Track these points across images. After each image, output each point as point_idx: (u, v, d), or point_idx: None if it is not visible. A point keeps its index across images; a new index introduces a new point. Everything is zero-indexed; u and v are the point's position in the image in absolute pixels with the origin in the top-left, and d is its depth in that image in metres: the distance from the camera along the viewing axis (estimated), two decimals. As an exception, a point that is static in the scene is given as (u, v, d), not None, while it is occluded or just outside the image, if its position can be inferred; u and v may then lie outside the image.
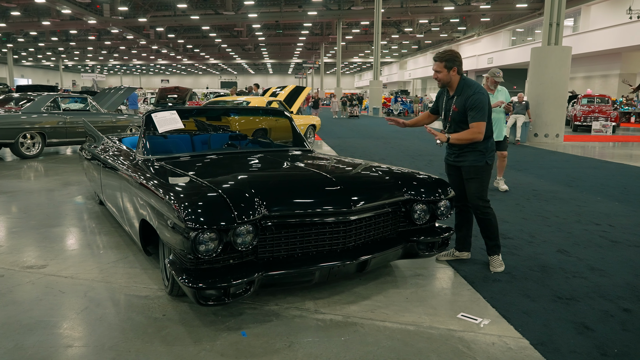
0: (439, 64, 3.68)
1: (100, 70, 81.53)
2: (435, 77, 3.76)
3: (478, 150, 3.71)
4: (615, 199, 6.44)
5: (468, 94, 3.63)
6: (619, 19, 27.10)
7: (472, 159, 3.73)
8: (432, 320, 2.94)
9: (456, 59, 3.67)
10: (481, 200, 3.75)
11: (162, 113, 4.19)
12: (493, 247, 3.84)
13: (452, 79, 3.70)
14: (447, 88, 3.81)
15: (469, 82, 3.70)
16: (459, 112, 3.69)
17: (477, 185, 3.75)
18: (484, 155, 3.71)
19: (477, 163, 3.72)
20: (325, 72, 64.43)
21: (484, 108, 3.61)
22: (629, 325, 2.89)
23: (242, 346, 2.61)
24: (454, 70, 3.67)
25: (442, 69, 3.68)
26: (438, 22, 40.50)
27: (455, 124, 3.75)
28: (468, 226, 3.97)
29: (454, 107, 3.72)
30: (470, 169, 3.75)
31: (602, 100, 19.60)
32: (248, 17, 36.34)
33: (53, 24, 38.04)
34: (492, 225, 3.78)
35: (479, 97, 3.60)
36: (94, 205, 5.80)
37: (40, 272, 3.66)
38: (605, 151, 12.57)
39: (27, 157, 9.65)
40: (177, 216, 2.62)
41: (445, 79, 3.70)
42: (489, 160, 3.73)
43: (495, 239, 3.82)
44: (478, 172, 3.74)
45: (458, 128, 3.73)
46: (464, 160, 3.76)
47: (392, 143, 14.03)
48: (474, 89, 3.64)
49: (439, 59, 3.69)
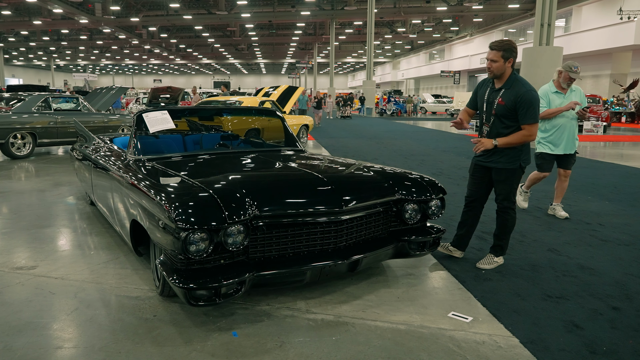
0: (497, 53, 3.51)
1: (92, 70, 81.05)
2: (489, 67, 3.58)
3: (514, 153, 3.62)
4: (605, 198, 6.49)
5: (520, 90, 3.51)
6: (609, 19, 27.34)
7: (506, 160, 3.64)
8: (423, 320, 2.95)
9: (514, 50, 3.53)
10: (507, 201, 3.73)
11: (153, 113, 4.17)
12: (496, 247, 3.85)
13: (506, 71, 3.57)
14: (493, 80, 3.68)
15: (521, 79, 3.59)
16: (505, 106, 3.56)
17: (507, 187, 3.71)
18: (518, 157, 3.64)
19: (511, 166, 3.64)
20: (319, 72, 64.44)
21: (537, 108, 3.53)
22: (617, 323, 2.91)
23: (233, 346, 2.61)
24: (509, 61, 3.53)
25: (499, 59, 3.51)
26: (431, 22, 40.64)
27: (498, 118, 3.63)
28: (471, 227, 3.96)
29: (500, 100, 3.58)
30: (502, 171, 3.68)
31: (593, 100, 19.76)
32: (241, 16, 36.28)
33: (44, 24, 37.76)
34: (507, 227, 3.78)
35: (533, 95, 3.51)
36: (85, 205, 5.77)
37: (30, 273, 3.63)
38: (596, 151, 12.67)
39: (17, 157, 9.57)
40: (167, 216, 2.62)
41: (500, 69, 3.54)
42: (523, 162, 3.66)
43: (502, 240, 3.81)
44: (510, 175, 3.67)
45: (500, 123, 3.62)
46: (496, 162, 3.68)
47: (385, 143, 14.06)
48: (528, 87, 3.53)
49: (496, 47, 3.53)
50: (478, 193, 3.89)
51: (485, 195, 3.92)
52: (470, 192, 3.94)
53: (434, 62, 54.50)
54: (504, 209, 3.76)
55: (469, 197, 3.94)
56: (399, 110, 32.79)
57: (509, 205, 3.74)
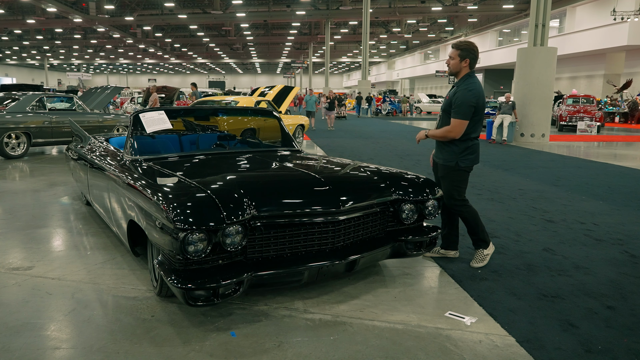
0: (454, 52, 3.68)
1: (86, 69, 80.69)
2: (447, 63, 3.77)
3: (452, 150, 3.72)
4: (599, 198, 6.54)
5: (460, 87, 3.65)
6: (603, 20, 27.48)
7: (445, 157, 3.77)
8: (420, 319, 2.96)
9: (471, 52, 3.65)
10: (451, 199, 3.78)
11: (150, 113, 4.17)
12: (476, 242, 3.90)
13: (461, 70, 3.69)
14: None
15: (471, 80, 3.66)
16: (447, 101, 3.74)
17: (447, 184, 3.78)
18: (456, 156, 3.71)
19: (448, 163, 3.75)
20: (314, 71, 64.39)
21: (467, 107, 3.57)
22: (612, 322, 2.94)
23: (231, 346, 2.62)
24: (465, 61, 3.65)
25: (455, 57, 3.67)
26: (426, 22, 40.74)
27: (442, 113, 3.81)
28: (451, 224, 3.98)
29: (446, 96, 3.79)
30: (442, 167, 3.81)
31: (587, 101, 19.87)
32: (236, 16, 36.22)
33: (38, 22, 37.56)
34: (467, 222, 3.84)
35: (465, 94, 3.58)
36: (81, 206, 5.75)
37: (27, 273, 3.62)
38: (590, 151, 12.75)
39: (12, 157, 9.52)
40: (165, 217, 2.62)
41: (455, 67, 3.69)
42: (461, 162, 3.71)
43: (476, 234, 3.85)
44: (448, 172, 3.76)
45: (444, 117, 3.77)
46: (438, 158, 3.86)
47: (380, 143, 14.08)
48: (467, 86, 3.62)
49: (455, 46, 3.69)
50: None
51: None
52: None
53: (429, 62, 54.60)
54: (452, 208, 3.82)
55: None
56: (394, 110, 32.83)
57: (454, 204, 3.79)
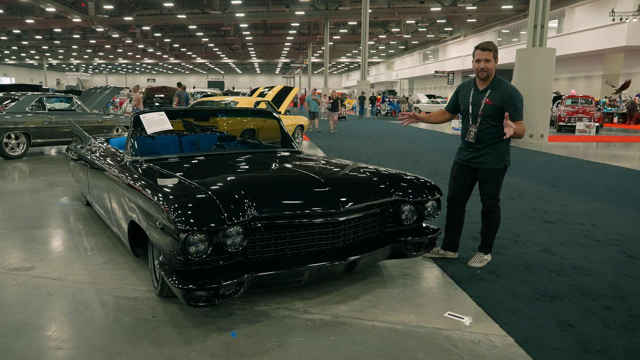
0: (489, 53, 3.61)
1: (85, 69, 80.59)
2: (482, 67, 3.63)
3: (499, 153, 3.71)
4: (598, 199, 6.56)
5: (507, 89, 3.63)
6: (602, 20, 27.53)
7: (493, 160, 3.73)
8: (420, 319, 2.98)
9: (497, 51, 3.69)
10: (493, 200, 3.82)
11: (150, 114, 4.18)
12: (484, 245, 3.92)
13: (494, 71, 3.71)
14: (474, 82, 3.77)
15: (503, 79, 3.72)
16: (493, 105, 3.64)
17: (493, 187, 3.79)
18: (504, 158, 3.74)
19: (498, 166, 3.74)
20: (313, 72, 64.40)
21: (522, 105, 3.65)
22: (610, 322, 2.96)
23: (232, 347, 2.63)
24: (496, 61, 3.67)
25: (492, 59, 3.62)
26: (425, 22, 40.75)
27: (485, 118, 3.70)
28: (458, 228, 4.01)
29: (488, 100, 3.66)
30: (489, 171, 3.76)
31: (585, 101, 19.92)
32: (235, 16, 36.19)
33: (37, 22, 37.50)
34: (494, 225, 3.86)
35: (517, 94, 3.64)
36: (81, 206, 5.76)
37: (28, 274, 3.64)
38: (588, 151, 12.78)
39: (11, 157, 9.53)
40: (167, 218, 2.63)
41: (493, 69, 3.66)
42: (507, 163, 3.76)
43: (489, 238, 3.89)
44: (497, 175, 3.77)
45: (487, 123, 3.69)
46: (484, 162, 3.75)
47: (380, 143, 14.10)
48: (511, 86, 3.68)
49: (490, 48, 3.63)
50: (461, 194, 3.95)
51: (468, 196, 3.99)
52: (453, 194, 3.97)
53: (428, 63, 54.63)
54: (490, 209, 3.84)
55: (452, 199, 3.97)
56: (394, 111, 32.84)
57: (495, 204, 3.84)
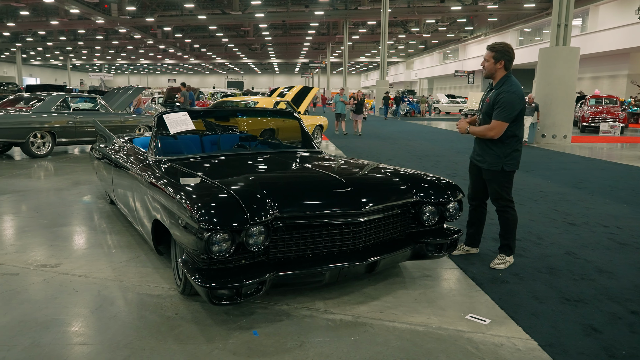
0: (489, 53, 3.73)
1: (108, 70, 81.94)
2: (481, 65, 3.81)
3: (495, 154, 3.74)
4: (623, 201, 6.43)
5: (503, 89, 3.67)
6: (627, 19, 26.94)
7: (489, 161, 3.79)
8: (441, 321, 2.96)
9: (506, 53, 3.70)
10: (501, 201, 3.83)
11: (173, 114, 4.24)
12: (504, 246, 3.91)
13: (497, 72, 3.74)
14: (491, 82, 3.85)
15: (512, 81, 3.71)
16: (489, 104, 3.74)
17: (495, 187, 3.82)
18: (501, 160, 3.74)
19: (494, 167, 3.77)
20: (332, 71, 64.38)
21: (511, 109, 3.61)
22: (636, 327, 2.90)
23: (253, 345, 2.66)
24: (500, 63, 3.70)
25: (490, 59, 3.72)
26: (445, 21, 40.41)
27: (483, 115, 3.81)
28: (479, 224, 4.07)
29: (487, 99, 3.78)
30: (487, 172, 3.83)
31: (610, 101, 19.52)
32: (255, 16, 36.41)
33: (61, 24, 38.28)
34: (508, 225, 3.85)
35: (509, 96, 3.62)
36: (105, 204, 5.86)
37: (54, 270, 3.72)
38: (613, 152, 12.52)
39: (37, 156, 9.74)
40: (190, 217, 2.67)
41: (490, 69, 3.74)
42: (506, 166, 3.74)
43: (508, 239, 3.88)
44: (494, 176, 3.80)
45: (486, 122, 3.78)
46: (483, 162, 3.85)
47: (399, 143, 14.04)
48: (513, 89, 3.66)
49: (490, 48, 3.75)
50: (477, 191, 4.01)
51: (484, 192, 4.00)
52: (471, 191, 4.07)
53: (448, 62, 54.18)
54: (501, 208, 3.86)
55: (471, 196, 4.07)
56: (413, 111, 32.66)
57: (505, 205, 3.83)
